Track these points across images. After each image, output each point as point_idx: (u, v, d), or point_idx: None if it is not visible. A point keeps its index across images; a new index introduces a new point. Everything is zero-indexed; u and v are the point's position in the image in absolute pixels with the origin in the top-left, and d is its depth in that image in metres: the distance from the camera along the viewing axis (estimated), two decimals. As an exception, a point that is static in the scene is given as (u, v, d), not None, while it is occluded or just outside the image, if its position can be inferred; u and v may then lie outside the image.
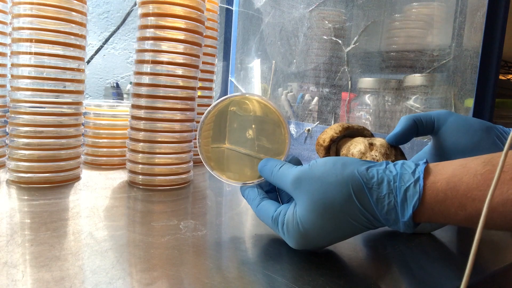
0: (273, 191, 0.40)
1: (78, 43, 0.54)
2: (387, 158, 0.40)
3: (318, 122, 0.82)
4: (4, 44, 0.57)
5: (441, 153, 0.41)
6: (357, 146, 0.42)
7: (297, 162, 0.39)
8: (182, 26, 0.55)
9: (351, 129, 0.46)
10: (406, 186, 0.29)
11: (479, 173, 0.28)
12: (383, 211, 0.30)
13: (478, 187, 0.28)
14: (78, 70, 0.55)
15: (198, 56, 0.58)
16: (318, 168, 0.33)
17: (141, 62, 0.55)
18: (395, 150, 0.42)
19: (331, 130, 0.46)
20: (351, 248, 0.38)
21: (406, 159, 0.42)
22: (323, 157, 0.41)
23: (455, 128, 0.40)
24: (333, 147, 0.46)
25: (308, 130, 0.83)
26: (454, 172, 0.29)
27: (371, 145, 0.42)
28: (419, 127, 0.41)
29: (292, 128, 0.86)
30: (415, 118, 0.41)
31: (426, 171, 0.30)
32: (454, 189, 0.28)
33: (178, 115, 0.57)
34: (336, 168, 0.32)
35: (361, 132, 0.46)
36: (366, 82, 0.73)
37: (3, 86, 0.58)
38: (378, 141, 0.42)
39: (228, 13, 1.02)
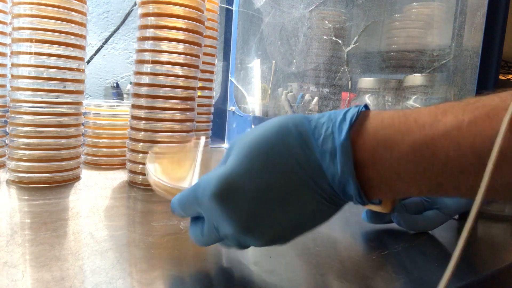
0: None
1: (78, 43, 0.54)
2: None
3: (318, 122, 0.82)
4: (4, 44, 0.57)
5: None
6: None
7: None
8: (182, 26, 0.55)
9: None
10: (346, 110, 0.26)
11: (432, 106, 0.25)
12: (320, 139, 0.25)
13: (431, 113, 0.24)
14: (78, 70, 0.55)
15: (198, 56, 0.58)
16: (251, 132, 0.28)
17: (141, 62, 0.55)
18: None
19: None
20: (351, 248, 0.38)
21: None
22: None
23: None
24: None
25: (308, 130, 0.82)
26: (404, 109, 0.26)
27: None
28: None
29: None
30: None
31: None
32: (402, 116, 0.25)
33: (178, 115, 0.56)
34: (272, 120, 0.28)
35: None
36: (366, 82, 0.73)
37: (3, 86, 0.58)
38: None
39: (228, 13, 1.02)
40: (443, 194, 0.25)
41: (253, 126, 0.92)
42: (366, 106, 0.27)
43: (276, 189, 0.26)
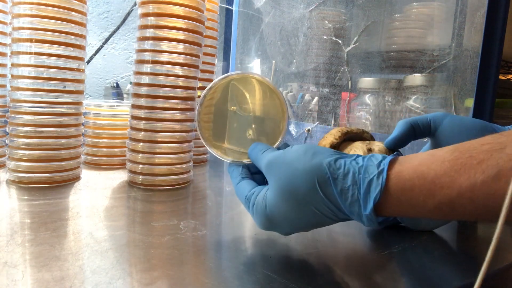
0: (260, 173, 0.40)
1: (78, 43, 0.54)
2: None
3: (318, 122, 0.82)
4: (4, 44, 0.57)
5: None
6: (356, 152, 0.42)
7: (285, 147, 0.39)
8: (182, 26, 0.55)
9: (351, 133, 0.46)
10: (370, 178, 0.29)
11: (446, 160, 0.27)
12: (346, 203, 0.29)
13: (447, 173, 0.27)
14: (78, 70, 0.55)
15: (198, 56, 0.58)
16: (289, 154, 0.33)
17: (141, 62, 0.55)
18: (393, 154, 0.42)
19: (331, 136, 0.46)
20: (352, 247, 0.38)
21: None
22: None
23: (450, 129, 0.40)
24: None
25: (308, 130, 0.83)
26: (422, 161, 0.28)
27: (369, 150, 0.42)
28: (416, 131, 0.41)
29: (292, 128, 0.86)
30: (412, 122, 0.41)
31: (393, 162, 0.29)
32: (421, 177, 0.28)
33: (178, 115, 0.57)
34: (306, 156, 0.31)
35: (360, 135, 0.47)
36: (366, 82, 0.73)
37: (3, 86, 0.58)
38: (377, 146, 0.42)
39: (228, 13, 1.02)
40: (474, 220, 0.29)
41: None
42: (396, 154, 0.31)
43: (305, 225, 0.32)
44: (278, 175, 0.32)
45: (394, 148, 0.42)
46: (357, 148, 0.43)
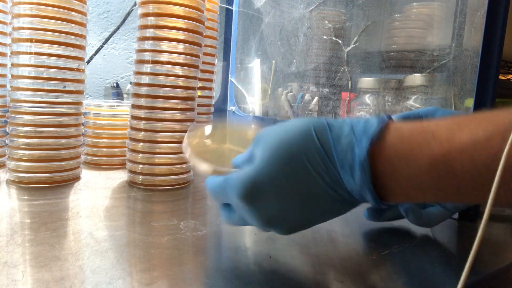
0: None
1: (78, 43, 0.54)
2: None
3: (318, 122, 0.81)
4: (4, 44, 0.57)
5: None
6: None
7: None
8: (182, 26, 0.55)
9: None
10: (368, 124, 0.27)
11: (449, 118, 0.26)
12: (341, 151, 0.27)
13: (447, 127, 0.25)
14: (78, 70, 0.55)
15: (198, 56, 0.58)
16: (280, 124, 0.30)
17: (141, 62, 0.55)
18: None
19: None
20: (351, 248, 0.38)
21: None
22: None
23: None
24: None
25: (308, 130, 0.82)
26: (422, 120, 0.28)
27: None
28: None
29: (292, 128, 0.86)
30: (403, 116, 0.41)
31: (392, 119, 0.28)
32: (420, 128, 0.26)
33: (178, 115, 0.57)
34: (298, 119, 0.30)
35: None
36: (366, 82, 0.72)
37: (3, 86, 0.58)
38: None
39: (228, 13, 1.02)
40: (457, 202, 0.27)
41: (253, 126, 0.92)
42: (389, 116, 0.28)
43: (296, 195, 0.28)
44: (268, 137, 0.30)
45: None
46: None
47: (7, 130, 0.54)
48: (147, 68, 0.55)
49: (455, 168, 0.24)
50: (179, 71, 0.56)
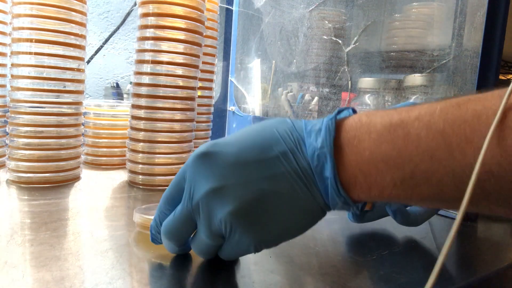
0: None
1: (78, 43, 0.54)
2: None
3: (318, 122, 0.81)
4: (4, 44, 0.57)
5: None
6: None
7: None
8: (182, 26, 0.55)
9: None
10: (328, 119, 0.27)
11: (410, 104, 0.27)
12: (308, 127, 0.27)
13: (410, 105, 0.26)
14: (78, 70, 0.55)
15: (198, 56, 0.58)
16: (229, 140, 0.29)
17: (141, 62, 0.55)
18: None
19: None
20: (351, 248, 0.38)
21: None
22: None
23: None
24: None
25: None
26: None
27: None
28: None
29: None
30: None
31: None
32: (387, 109, 0.26)
33: (178, 115, 0.57)
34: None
35: None
36: (366, 82, 0.72)
37: (3, 86, 0.58)
38: None
39: (228, 13, 1.02)
40: (415, 191, 0.25)
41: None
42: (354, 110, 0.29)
43: (253, 160, 0.27)
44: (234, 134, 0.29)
45: None
46: None
47: (7, 130, 0.54)
48: (147, 68, 0.55)
49: (411, 135, 0.24)
50: (179, 71, 0.56)
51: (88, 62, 0.94)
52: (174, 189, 0.29)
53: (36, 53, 0.51)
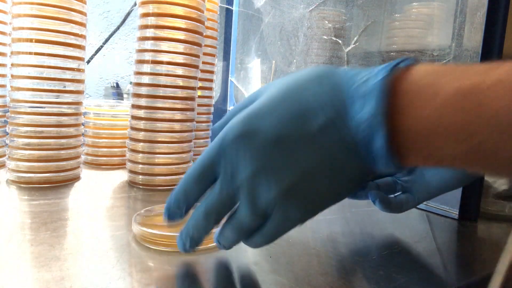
0: None
1: (78, 43, 0.54)
2: None
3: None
4: (4, 44, 0.57)
5: None
6: None
7: None
8: (182, 26, 0.55)
9: None
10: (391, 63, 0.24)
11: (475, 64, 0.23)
12: (352, 86, 0.24)
13: (483, 65, 0.22)
14: (78, 70, 0.55)
15: (198, 56, 0.58)
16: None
17: (141, 62, 0.55)
18: None
19: None
20: (351, 248, 0.38)
21: None
22: None
23: None
24: None
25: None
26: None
27: None
28: None
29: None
30: None
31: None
32: (453, 65, 0.23)
33: (178, 115, 0.57)
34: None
35: None
36: (366, 82, 0.72)
37: (3, 86, 0.58)
38: None
39: (228, 13, 1.02)
40: (479, 164, 0.22)
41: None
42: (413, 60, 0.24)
43: (295, 136, 0.25)
44: (271, 87, 0.27)
45: None
46: None
47: (7, 130, 0.54)
48: (147, 68, 0.55)
49: (487, 105, 0.20)
50: (179, 71, 0.56)
51: (88, 62, 0.94)
52: (206, 169, 0.27)
53: (36, 53, 0.51)
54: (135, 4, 0.88)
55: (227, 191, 0.27)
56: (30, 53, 0.51)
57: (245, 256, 0.35)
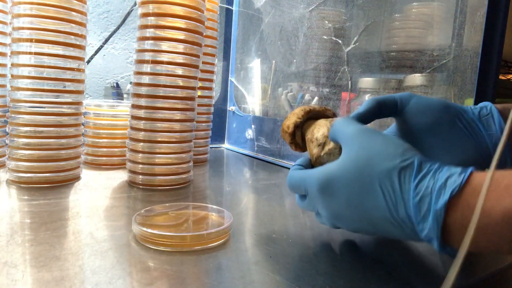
0: None
1: (78, 43, 0.54)
2: None
3: (318, 122, 0.81)
4: (4, 44, 0.57)
5: (403, 133, 0.41)
6: (320, 129, 0.42)
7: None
8: (182, 26, 0.55)
9: (313, 111, 0.46)
10: (450, 173, 0.28)
11: None
12: (416, 198, 0.28)
13: None
14: (78, 70, 0.55)
15: (198, 56, 0.58)
16: (379, 135, 0.32)
17: (141, 62, 0.55)
18: None
19: (294, 116, 0.46)
20: (351, 248, 0.38)
21: None
22: (290, 142, 0.44)
23: (416, 108, 0.40)
24: (298, 132, 0.47)
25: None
26: (498, 172, 0.26)
27: None
28: (382, 109, 0.41)
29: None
30: (378, 100, 0.41)
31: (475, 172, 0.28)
32: (495, 183, 0.26)
33: (178, 115, 0.57)
34: (395, 140, 0.32)
35: (323, 113, 0.46)
36: (366, 82, 0.72)
37: (3, 86, 0.58)
38: None
39: (228, 13, 1.02)
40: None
41: (253, 126, 0.92)
42: (472, 170, 0.28)
43: (360, 206, 0.31)
44: (366, 141, 0.32)
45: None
46: (321, 126, 0.43)
47: (7, 130, 0.54)
48: (147, 68, 0.55)
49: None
50: (179, 71, 0.56)
51: (88, 62, 0.94)
52: (296, 190, 0.38)
53: (36, 53, 0.51)
54: (135, 4, 0.88)
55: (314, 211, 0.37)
56: (30, 53, 0.51)
57: (245, 256, 0.35)
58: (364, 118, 0.41)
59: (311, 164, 0.42)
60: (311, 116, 0.46)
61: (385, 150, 0.30)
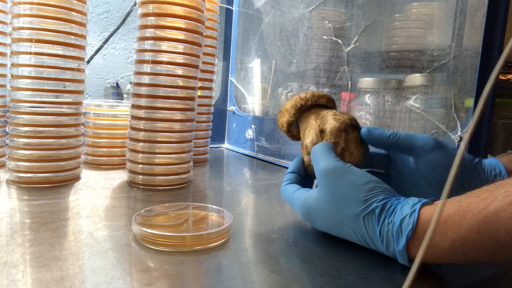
0: (310, 179, 0.46)
1: (78, 43, 0.54)
2: (336, 144, 0.41)
3: (318, 122, 0.81)
4: (4, 44, 0.57)
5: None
6: (310, 134, 0.43)
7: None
8: (182, 26, 0.55)
9: (305, 106, 0.46)
10: (402, 216, 0.32)
11: (457, 200, 0.29)
12: (382, 240, 0.33)
13: (456, 212, 0.28)
14: (78, 70, 0.55)
15: (198, 56, 0.58)
16: (351, 173, 0.36)
17: (141, 62, 0.55)
18: (358, 142, 0.43)
19: (286, 114, 0.46)
20: (351, 248, 0.38)
21: (367, 154, 0.45)
22: (287, 135, 0.48)
23: (433, 165, 0.41)
24: (293, 127, 0.48)
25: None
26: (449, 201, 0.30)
27: (321, 132, 0.42)
28: (398, 146, 0.42)
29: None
30: (407, 137, 0.42)
31: (425, 205, 0.32)
32: (443, 218, 0.29)
33: (178, 115, 0.57)
34: (365, 185, 0.35)
35: (315, 103, 0.46)
36: (366, 82, 0.72)
37: (3, 86, 0.58)
38: (329, 125, 0.42)
39: (228, 13, 1.02)
40: (488, 261, 0.29)
41: (253, 126, 0.92)
42: (429, 201, 0.33)
43: (335, 229, 0.37)
44: (332, 184, 0.36)
45: (365, 140, 0.43)
46: (311, 128, 0.43)
47: (7, 130, 0.54)
48: (147, 68, 0.55)
49: (467, 246, 0.28)
50: (179, 71, 0.56)
51: (88, 62, 0.94)
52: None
53: (36, 53, 0.51)
54: (135, 4, 0.89)
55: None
56: (30, 53, 0.51)
57: (245, 256, 0.35)
58: (372, 140, 0.43)
59: (304, 166, 0.44)
60: (304, 109, 0.46)
61: (349, 196, 0.35)
